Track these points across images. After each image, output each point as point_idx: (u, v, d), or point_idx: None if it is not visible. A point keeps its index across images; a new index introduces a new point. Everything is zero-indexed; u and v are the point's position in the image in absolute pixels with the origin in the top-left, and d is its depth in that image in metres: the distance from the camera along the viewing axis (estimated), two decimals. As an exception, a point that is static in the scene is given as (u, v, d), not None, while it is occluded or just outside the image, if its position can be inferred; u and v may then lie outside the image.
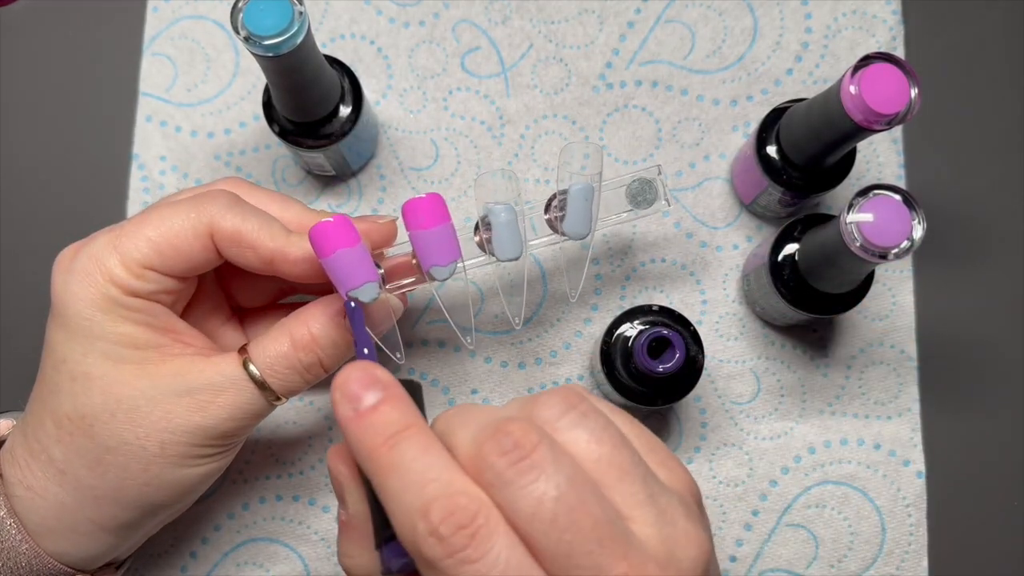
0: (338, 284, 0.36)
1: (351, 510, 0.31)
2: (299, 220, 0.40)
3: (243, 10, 0.38)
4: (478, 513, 0.26)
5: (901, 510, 0.48)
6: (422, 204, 0.37)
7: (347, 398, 0.29)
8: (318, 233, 0.35)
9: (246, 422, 0.38)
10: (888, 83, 0.38)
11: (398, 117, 0.52)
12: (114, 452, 0.36)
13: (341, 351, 0.39)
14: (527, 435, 0.27)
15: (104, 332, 0.36)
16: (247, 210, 0.38)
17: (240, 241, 0.37)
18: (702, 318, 0.50)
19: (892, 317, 0.50)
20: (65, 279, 0.37)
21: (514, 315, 0.46)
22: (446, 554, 0.25)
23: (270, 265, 0.38)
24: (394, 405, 0.29)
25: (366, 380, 0.29)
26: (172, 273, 0.37)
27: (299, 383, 0.39)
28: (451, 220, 0.38)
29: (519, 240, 0.40)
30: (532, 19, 0.52)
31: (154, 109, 0.52)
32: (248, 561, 0.48)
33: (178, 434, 0.37)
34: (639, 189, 0.43)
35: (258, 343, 0.38)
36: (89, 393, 0.36)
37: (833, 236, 0.39)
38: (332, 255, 0.35)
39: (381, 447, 0.28)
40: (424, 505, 0.26)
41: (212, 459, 0.39)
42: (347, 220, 0.36)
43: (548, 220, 0.42)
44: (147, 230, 0.37)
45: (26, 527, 0.37)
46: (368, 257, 0.36)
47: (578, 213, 0.41)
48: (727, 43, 0.52)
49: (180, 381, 0.37)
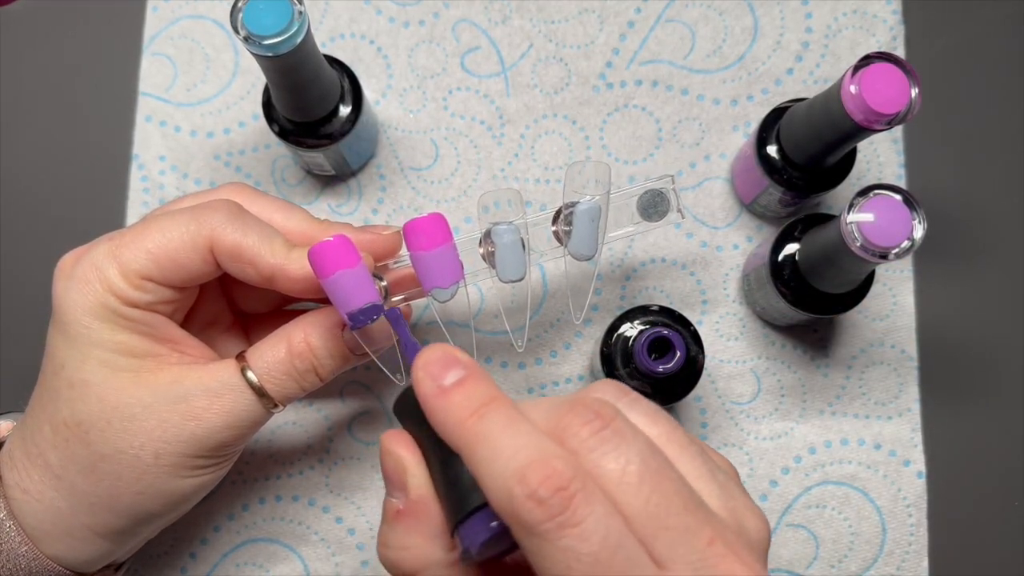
0: (338, 305, 0.35)
1: (414, 494, 0.30)
2: (302, 230, 0.39)
3: (243, 10, 0.38)
4: (575, 477, 0.26)
5: (902, 510, 0.48)
6: (423, 225, 0.37)
7: (430, 376, 0.29)
8: (317, 254, 0.35)
9: (242, 431, 0.38)
10: (888, 83, 0.38)
11: (398, 117, 0.52)
12: (108, 460, 0.36)
13: (337, 362, 0.39)
14: (604, 407, 0.28)
15: (102, 340, 0.36)
16: (248, 223, 0.37)
17: (239, 257, 0.37)
18: (702, 318, 0.50)
19: (892, 317, 0.50)
20: (65, 285, 0.37)
21: (517, 338, 0.45)
22: (547, 517, 0.25)
23: (269, 281, 0.37)
24: (478, 380, 0.29)
25: (447, 359, 0.29)
26: (171, 284, 0.37)
27: (296, 390, 0.39)
28: (452, 240, 0.37)
29: (522, 261, 0.39)
30: (532, 19, 0.52)
31: (154, 109, 0.52)
32: (248, 562, 0.48)
33: (173, 444, 0.37)
34: (650, 201, 0.42)
35: (256, 349, 0.38)
36: (86, 400, 0.36)
37: (833, 236, 0.39)
38: (332, 276, 0.35)
39: (469, 418, 0.28)
40: (520, 469, 0.26)
41: (206, 471, 0.39)
42: (347, 240, 0.35)
43: (555, 232, 0.41)
44: (146, 242, 0.36)
45: (24, 530, 0.37)
46: (368, 277, 0.36)
47: (584, 234, 0.40)
48: (727, 43, 0.52)
49: (176, 388, 0.37)
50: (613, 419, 0.27)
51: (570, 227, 0.40)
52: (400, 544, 0.30)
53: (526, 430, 0.27)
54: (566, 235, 0.40)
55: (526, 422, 0.27)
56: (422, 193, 0.51)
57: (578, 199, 0.40)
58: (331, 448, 0.49)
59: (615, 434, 0.27)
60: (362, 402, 0.49)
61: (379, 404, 0.49)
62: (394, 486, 0.31)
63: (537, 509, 0.25)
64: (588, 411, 0.27)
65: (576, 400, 0.28)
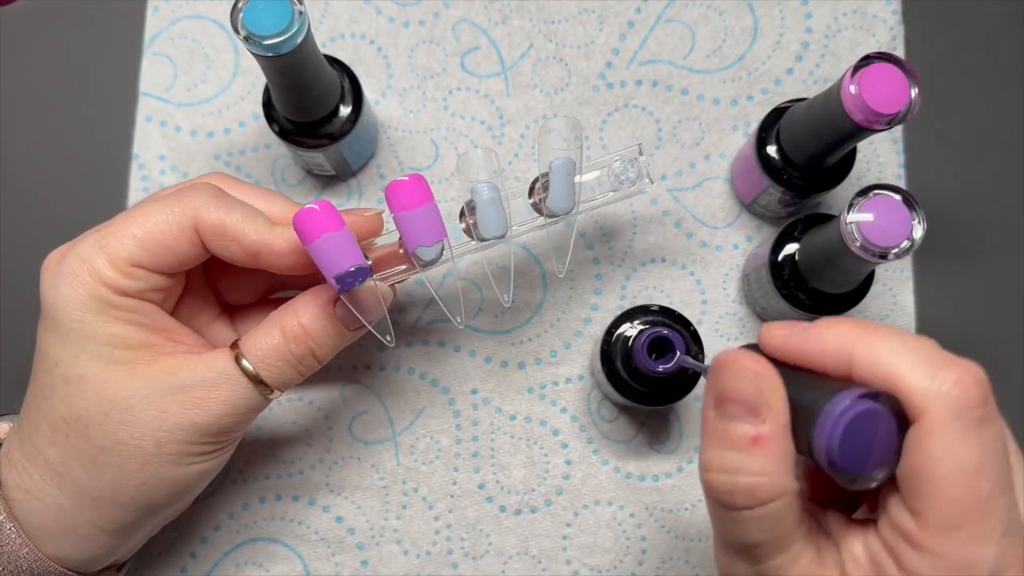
0: (324, 269, 0.36)
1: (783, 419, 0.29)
2: (283, 214, 0.40)
3: (243, 10, 0.38)
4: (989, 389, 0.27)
5: (901, 510, 0.48)
6: (404, 185, 0.37)
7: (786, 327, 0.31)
8: (302, 219, 0.35)
9: (241, 417, 0.38)
10: (888, 83, 0.38)
11: (398, 117, 0.52)
12: (109, 452, 0.36)
13: (333, 340, 0.39)
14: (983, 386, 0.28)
15: (95, 333, 0.36)
16: (231, 203, 0.38)
17: (224, 233, 0.37)
18: (702, 318, 0.50)
19: (892, 317, 0.50)
20: (54, 282, 0.36)
21: (503, 292, 0.45)
22: (977, 403, 0.27)
23: (255, 258, 0.38)
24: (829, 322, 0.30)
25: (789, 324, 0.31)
26: (160, 269, 0.37)
27: (292, 375, 0.39)
28: (434, 200, 0.38)
29: (503, 218, 0.40)
30: (532, 19, 0.52)
31: (154, 109, 0.52)
32: (248, 561, 0.48)
33: (174, 432, 0.37)
34: (622, 169, 0.43)
35: (249, 337, 0.38)
36: (83, 395, 0.36)
37: (833, 236, 0.39)
38: (317, 240, 0.35)
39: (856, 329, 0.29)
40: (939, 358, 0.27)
41: (209, 456, 0.39)
42: (331, 206, 0.36)
43: (533, 204, 0.42)
44: (132, 227, 0.37)
45: (26, 530, 0.37)
46: (353, 241, 0.36)
47: (561, 188, 0.40)
48: (727, 43, 0.52)
49: (173, 379, 0.37)
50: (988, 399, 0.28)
51: (546, 192, 0.41)
52: (760, 470, 0.28)
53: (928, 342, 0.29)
54: (543, 201, 0.41)
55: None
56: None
57: (552, 158, 0.40)
58: (331, 448, 0.49)
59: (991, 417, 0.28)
60: (362, 402, 0.49)
61: (379, 404, 0.49)
62: (748, 410, 0.29)
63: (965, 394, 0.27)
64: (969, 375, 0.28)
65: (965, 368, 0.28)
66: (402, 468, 0.49)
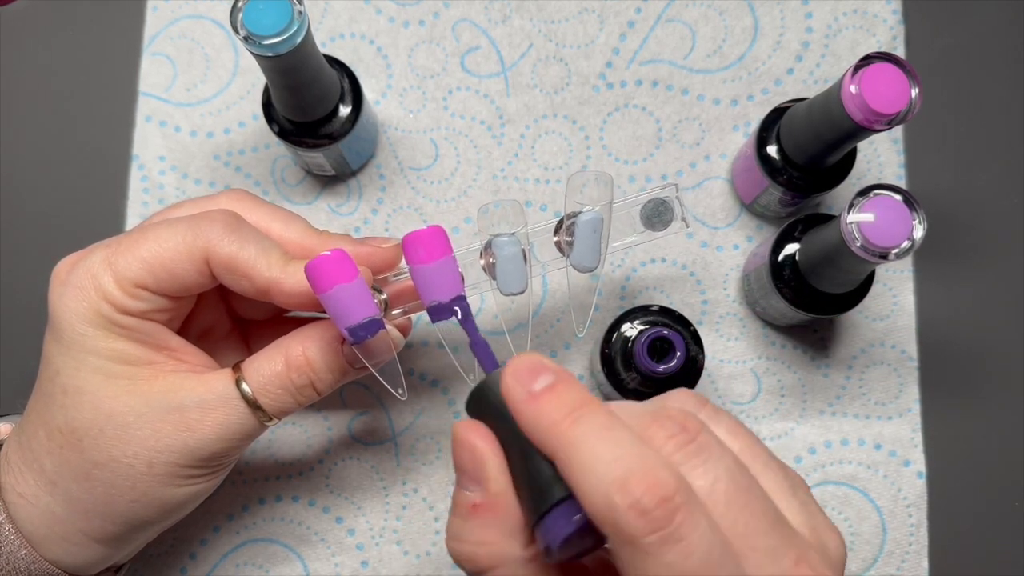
0: (336, 320, 0.35)
1: (495, 488, 0.29)
2: (301, 241, 0.39)
3: (243, 10, 0.38)
4: (679, 489, 0.25)
5: (902, 510, 0.48)
6: (422, 237, 0.36)
7: (520, 382, 0.28)
8: (314, 269, 0.34)
9: (235, 443, 0.38)
10: (888, 83, 0.38)
11: (398, 117, 0.52)
12: (102, 468, 0.36)
13: (335, 376, 0.39)
14: (689, 420, 0.27)
15: (96, 347, 0.36)
16: (246, 235, 0.37)
17: (235, 269, 0.36)
18: (702, 318, 0.50)
19: (893, 317, 0.50)
20: (61, 292, 0.36)
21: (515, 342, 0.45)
22: (650, 529, 0.24)
23: (265, 295, 0.37)
24: (569, 385, 0.28)
25: (537, 366, 0.28)
26: (165, 293, 0.37)
27: (291, 404, 0.38)
28: (452, 252, 0.36)
29: (523, 274, 0.38)
30: (532, 18, 0.52)
31: (153, 109, 0.52)
32: (247, 562, 0.48)
33: (166, 453, 0.36)
34: (655, 210, 0.41)
35: (252, 361, 0.38)
36: (80, 407, 0.36)
37: (833, 236, 0.39)
38: (329, 291, 0.34)
39: (563, 421, 0.27)
40: (622, 477, 0.25)
41: (200, 480, 0.38)
42: (344, 254, 0.35)
43: (557, 242, 0.40)
44: (142, 249, 0.36)
45: (22, 533, 0.37)
46: (367, 291, 0.35)
47: (586, 245, 0.39)
48: (727, 43, 0.52)
49: (170, 398, 0.36)
50: (699, 433, 0.27)
51: (572, 238, 0.39)
52: (477, 539, 0.29)
53: (626, 436, 0.26)
54: (568, 246, 0.40)
55: (625, 428, 0.27)
56: (422, 193, 0.51)
57: (580, 209, 0.39)
58: (331, 448, 0.49)
59: (702, 449, 0.26)
60: (362, 402, 0.49)
61: (379, 404, 0.49)
62: (469, 479, 0.30)
63: (640, 520, 0.24)
64: (673, 423, 0.27)
65: (659, 411, 0.27)
66: (402, 468, 0.49)
